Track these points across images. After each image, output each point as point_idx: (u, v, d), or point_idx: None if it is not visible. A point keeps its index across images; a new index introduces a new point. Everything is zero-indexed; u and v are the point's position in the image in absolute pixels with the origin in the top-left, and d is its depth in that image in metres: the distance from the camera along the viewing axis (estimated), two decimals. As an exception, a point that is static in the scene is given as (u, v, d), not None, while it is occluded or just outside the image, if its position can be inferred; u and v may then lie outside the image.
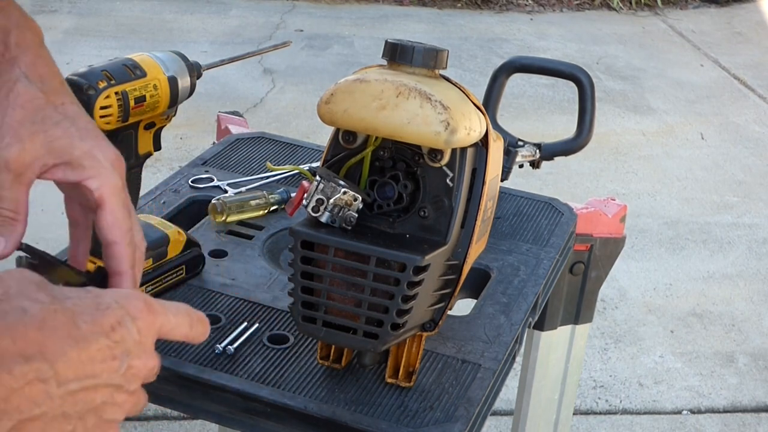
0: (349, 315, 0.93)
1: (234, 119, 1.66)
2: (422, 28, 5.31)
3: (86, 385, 0.61)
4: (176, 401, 1.02)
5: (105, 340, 0.62)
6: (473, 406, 0.98)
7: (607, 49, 5.19)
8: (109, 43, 4.68)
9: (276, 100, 4.18)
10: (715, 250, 3.28)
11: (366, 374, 1.02)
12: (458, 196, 0.94)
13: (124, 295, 0.66)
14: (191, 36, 4.90)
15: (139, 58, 1.06)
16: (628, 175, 3.76)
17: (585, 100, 1.45)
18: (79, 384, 0.61)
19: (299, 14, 5.37)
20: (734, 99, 4.62)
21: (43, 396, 0.58)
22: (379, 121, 0.90)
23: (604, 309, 2.87)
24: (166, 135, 1.15)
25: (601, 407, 2.49)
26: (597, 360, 2.66)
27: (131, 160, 1.09)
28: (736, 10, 6.06)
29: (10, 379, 0.56)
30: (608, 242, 1.44)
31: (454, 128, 0.89)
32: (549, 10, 5.85)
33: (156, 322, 0.67)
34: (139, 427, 2.29)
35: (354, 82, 0.91)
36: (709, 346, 2.76)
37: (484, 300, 1.18)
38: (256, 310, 1.12)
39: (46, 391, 0.58)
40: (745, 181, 3.79)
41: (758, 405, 2.55)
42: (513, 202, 1.43)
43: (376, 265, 0.90)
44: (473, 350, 1.07)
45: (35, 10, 5.07)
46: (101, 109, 1.01)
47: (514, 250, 1.29)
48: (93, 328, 0.62)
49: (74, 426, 0.61)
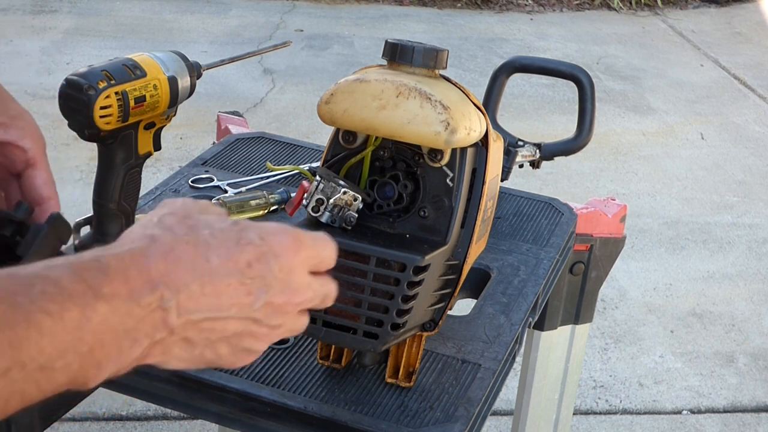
0: (349, 315, 0.93)
1: (234, 119, 1.66)
2: (422, 28, 5.31)
3: (212, 317, 0.64)
4: (176, 401, 1.02)
5: (238, 275, 0.64)
6: (473, 406, 0.98)
7: (607, 49, 5.19)
8: (109, 43, 4.68)
9: (276, 100, 4.18)
10: (715, 250, 3.28)
11: (366, 374, 1.02)
12: (458, 196, 0.94)
13: (270, 230, 0.68)
14: (191, 36, 4.90)
15: (139, 58, 1.06)
16: (628, 175, 3.76)
17: (585, 100, 1.45)
18: (202, 315, 0.63)
19: (299, 14, 5.37)
20: (734, 99, 4.62)
21: (162, 324, 0.61)
22: (379, 121, 0.90)
23: (604, 309, 2.87)
24: (166, 135, 1.15)
25: (601, 407, 2.49)
26: (597, 360, 2.66)
27: (131, 160, 1.09)
28: (736, 10, 6.06)
29: (139, 309, 0.60)
30: (608, 242, 1.44)
31: (454, 128, 0.89)
32: (549, 10, 5.85)
33: (304, 257, 0.68)
34: (139, 427, 2.29)
35: (354, 82, 0.91)
36: (709, 346, 2.76)
37: (484, 300, 1.18)
38: (256, 310, 1.12)
39: (165, 320, 0.61)
40: (745, 181, 3.79)
41: (758, 405, 2.55)
42: (513, 202, 1.43)
43: (376, 265, 0.90)
44: (473, 350, 1.07)
45: (35, 10, 5.07)
46: (101, 109, 1.01)
47: (514, 250, 1.29)
48: (226, 264, 0.64)
49: (201, 351, 0.65)
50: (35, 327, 0.55)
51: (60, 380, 0.58)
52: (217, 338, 0.66)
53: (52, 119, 3.74)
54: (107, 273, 0.59)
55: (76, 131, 1.04)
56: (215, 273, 0.64)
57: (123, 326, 0.59)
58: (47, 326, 0.55)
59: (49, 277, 0.57)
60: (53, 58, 4.41)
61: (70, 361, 0.57)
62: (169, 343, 0.63)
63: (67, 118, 1.03)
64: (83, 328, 0.57)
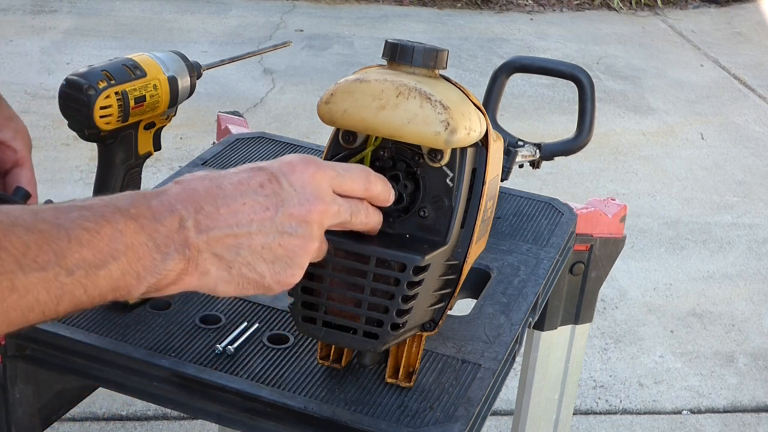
0: (349, 315, 0.93)
1: (234, 119, 1.66)
2: (422, 28, 5.31)
3: (233, 233, 0.74)
4: (176, 401, 1.02)
5: (252, 195, 0.75)
6: (473, 406, 0.98)
7: (607, 49, 5.19)
8: (109, 43, 4.68)
9: (276, 100, 4.18)
10: (715, 250, 3.28)
11: (366, 374, 1.02)
12: (458, 196, 0.94)
13: (282, 157, 0.78)
14: (191, 36, 4.90)
15: (139, 58, 1.06)
16: (628, 175, 3.76)
17: (585, 100, 1.45)
18: (221, 232, 0.73)
19: (299, 14, 5.37)
20: (734, 99, 4.62)
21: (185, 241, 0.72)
22: (379, 121, 0.90)
23: (604, 309, 2.87)
24: (166, 135, 1.15)
25: (601, 407, 2.49)
26: (597, 360, 2.66)
27: (131, 160, 1.09)
28: (736, 10, 6.06)
29: (164, 228, 0.71)
30: (608, 242, 1.44)
31: (454, 128, 0.89)
32: (549, 10, 5.85)
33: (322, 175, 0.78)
34: (139, 427, 2.29)
35: (354, 82, 0.91)
36: (709, 346, 2.76)
37: (484, 300, 1.18)
38: (256, 310, 1.12)
39: (186, 238, 0.72)
40: (745, 181, 3.79)
41: (758, 405, 2.55)
42: (513, 202, 1.43)
43: (376, 265, 0.90)
44: (473, 350, 1.07)
45: (35, 10, 5.08)
46: (101, 109, 1.01)
47: (514, 250, 1.29)
48: (238, 187, 0.75)
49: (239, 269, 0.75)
50: (76, 240, 0.66)
51: (104, 286, 0.68)
52: (248, 254, 0.74)
53: (52, 119, 3.76)
54: (134, 201, 0.71)
55: (76, 131, 1.04)
56: (228, 195, 0.74)
57: (153, 241, 0.70)
58: (86, 239, 0.66)
59: (84, 206, 0.68)
60: (53, 58, 4.41)
61: (111, 269, 0.67)
62: (201, 261, 0.73)
63: (67, 118, 1.03)
64: (117, 240, 0.68)
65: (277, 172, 0.76)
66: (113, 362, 1.03)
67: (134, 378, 1.03)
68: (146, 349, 1.03)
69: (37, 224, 0.65)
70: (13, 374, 1.08)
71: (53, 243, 0.65)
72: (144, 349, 1.03)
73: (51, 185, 3.22)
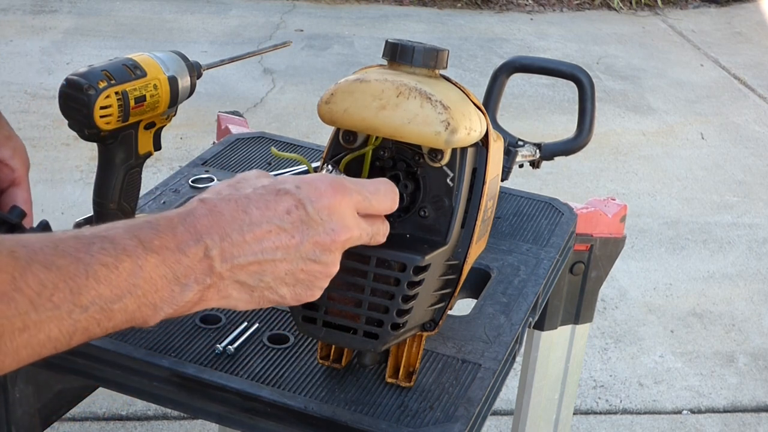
0: (349, 315, 0.93)
1: (234, 119, 1.66)
2: (422, 28, 5.31)
3: (258, 260, 0.73)
4: (176, 401, 1.02)
5: (278, 222, 0.74)
6: (473, 406, 0.98)
7: (607, 49, 5.19)
8: (109, 43, 4.68)
9: (276, 100, 4.18)
10: (715, 250, 3.28)
11: (366, 374, 1.02)
12: (458, 196, 0.94)
13: (307, 179, 0.77)
14: (191, 36, 4.90)
15: (139, 58, 1.06)
16: (628, 175, 3.76)
17: (585, 100, 1.45)
18: (246, 259, 0.73)
19: (299, 14, 5.37)
20: (734, 99, 4.62)
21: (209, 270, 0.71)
22: (379, 121, 0.90)
23: (604, 309, 2.87)
24: (166, 135, 1.15)
25: (601, 407, 2.49)
26: (597, 360, 2.66)
27: (131, 160, 1.09)
28: (736, 10, 6.06)
29: (186, 259, 0.70)
30: (608, 242, 1.44)
31: (455, 128, 0.89)
32: (549, 10, 5.85)
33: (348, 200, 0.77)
34: (139, 427, 2.29)
35: (354, 82, 0.91)
36: (709, 346, 2.76)
37: (484, 300, 1.17)
38: (256, 310, 1.12)
39: (211, 267, 0.71)
40: (745, 181, 3.79)
41: (758, 405, 2.55)
42: (513, 202, 1.43)
43: (376, 265, 0.90)
44: (473, 350, 1.07)
45: (35, 10, 5.07)
46: (101, 109, 1.01)
47: (514, 250, 1.29)
48: (265, 213, 0.74)
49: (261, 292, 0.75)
50: (93, 276, 0.65)
51: (119, 319, 0.67)
52: (271, 279, 0.75)
53: (52, 119, 3.76)
54: (158, 230, 0.69)
55: (76, 131, 1.04)
56: (254, 222, 0.73)
57: (173, 273, 0.69)
58: (104, 275, 0.65)
59: (106, 237, 0.67)
60: (53, 58, 4.41)
61: (126, 303, 0.67)
62: (222, 287, 0.72)
63: (67, 118, 1.03)
64: (137, 276, 0.67)
65: (304, 199, 0.75)
66: (113, 362, 1.03)
67: (134, 378, 1.03)
68: (146, 349, 1.03)
69: (56, 260, 0.64)
70: (13, 374, 1.08)
71: (70, 280, 0.64)
72: (144, 349, 1.03)
73: (51, 185, 3.21)
